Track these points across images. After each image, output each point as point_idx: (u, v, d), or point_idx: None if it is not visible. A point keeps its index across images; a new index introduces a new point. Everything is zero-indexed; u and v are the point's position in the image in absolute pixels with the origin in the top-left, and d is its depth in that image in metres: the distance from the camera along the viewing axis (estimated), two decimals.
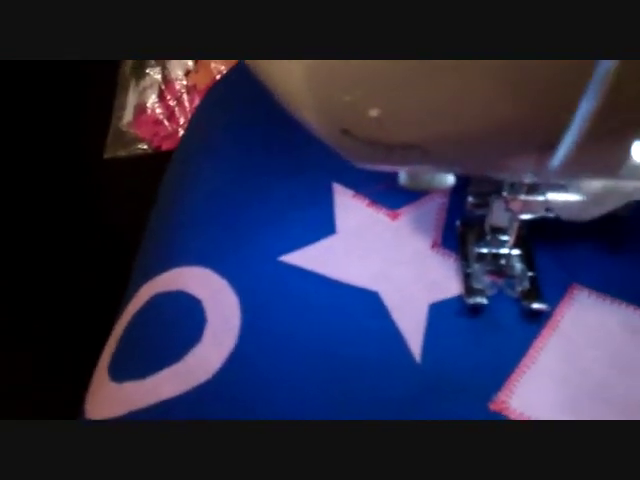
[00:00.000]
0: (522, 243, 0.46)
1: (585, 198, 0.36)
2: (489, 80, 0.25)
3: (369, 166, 0.31)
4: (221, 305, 0.44)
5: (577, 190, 0.34)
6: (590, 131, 0.26)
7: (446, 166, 0.32)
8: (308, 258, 0.47)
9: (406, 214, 0.50)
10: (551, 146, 0.28)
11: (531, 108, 0.26)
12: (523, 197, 0.40)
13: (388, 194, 0.50)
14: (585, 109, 0.25)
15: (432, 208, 0.50)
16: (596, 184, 0.32)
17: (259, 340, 0.43)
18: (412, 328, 0.44)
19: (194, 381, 0.42)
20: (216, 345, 0.43)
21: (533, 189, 0.40)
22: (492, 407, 0.40)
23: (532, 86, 0.25)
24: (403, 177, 0.36)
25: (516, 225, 0.44)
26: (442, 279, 0.46)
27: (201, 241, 0.48)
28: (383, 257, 0.47)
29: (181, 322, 0.44)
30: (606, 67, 0.24)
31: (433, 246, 0.48)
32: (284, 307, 0.45)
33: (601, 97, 0.24)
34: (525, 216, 0.42)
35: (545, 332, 0.43)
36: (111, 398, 0.43)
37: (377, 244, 0.48)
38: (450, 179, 0.37)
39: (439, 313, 0.44)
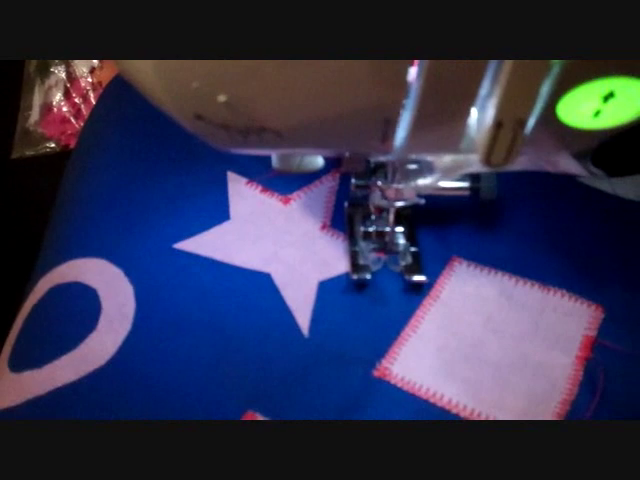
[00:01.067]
0: (405, 221, 0.48)
1: (445, 176, 0.39)
2: (331, 69, 0.27)
3: (233, 150, 0.33)
4: (116, 293, 0.46)
5: (430, 168, 0.36)
6: (421, 111, 0.29)
7: (303, 148, 0.34)
8: (202, 244, 0.49)
9: (297, 198, 0.52)
10: (392, 124, 0.30)
11: (369, 92, 0.28)
12: (395, 185, 0.43)
13: (280, 180, 0.52)
14: (415, 92, 0.28)
15: (322, 192, 0.52)
16: (446, 158, 0.35)
17: (153, 326, 0.45)
18: (301, 305, 0.46)
19: (90, 367, 0.43)
20: (111, 332, 0.44)
21: (404, 178, 0.43)
22: (375, 374, 0.43)
23: (368, 74, 0.27)
24: (274, 160, 0.38)
25: (393, 209, 0.46)
26: (331, 258, 0.48)
27: (96, 233, 0.49)
28: (275, 240, 0.49)
29: (77, 311, 0.46)
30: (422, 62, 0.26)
31: (323, 227, 0.50)
32: (178, 293, 0.46)
33: (422, 83, 0.27)
34: (399, 203, 0.45)
35: (426, 302, 0.46)
36: (10, 388, 0.43)
37: (270, 228, 0.50)
38: (320, 161, 0.39)
39: (327, 290, 0.47)
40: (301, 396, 0.42)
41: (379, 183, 0.44)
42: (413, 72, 0.27)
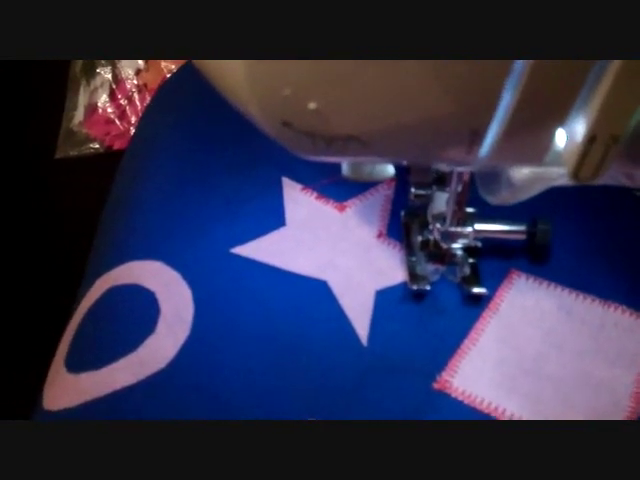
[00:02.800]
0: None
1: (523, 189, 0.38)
2: (422, 74, 0.27)
3: (312, 157, 0.33)
4: (174, 297, 0.46)
5: (508, 182, 0.36)
6: (513, 121, 0.28)
7: (385, 157, 0.34)
8: (259, 250, 0.49)
9: (353, 206, 0.51)
10: (479, 135, 0.30)
11: (460, 100, 0.28)
12: (453, 229, 0.45)
13: (335, 187, 0.52)
14: (507, 101, 0.28)
15: (378, 200, 0.52)
16: (525, 171, 0.35)
17: (211, 330, 0.45)
18: (359, 313, 0.45)
19: (148, 370, 0.43)
20: (170, 336, 0.44)
21: (462, 221, 0.45)
22: (436, 386, 0.42)
23: (460, 80, 0.27)
24: (345, 168, 0.38)
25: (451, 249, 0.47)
26: (387, 267, 0.48)
27: (153, 235, 0.49)
28: (331, 247, 0.49)
29: (135, 314, 0.45)
30: (520, 66, 0.26)
31: (379, 236, 0.50)
32: (236, 297, 0.46)
33: (518, 92, 0.27)
34: (456, 245, 0.46)
35: (485, 315, 0.46)
36: (68, 389, 0.44)
37: (325, 235, 0.50)
38: (390, 170, 0.39)
39: (385, 299, 0.46)
40: (360, 405, 0.42)
41: (437, 226, 0.45)
42: (508, 82, 0.27)
